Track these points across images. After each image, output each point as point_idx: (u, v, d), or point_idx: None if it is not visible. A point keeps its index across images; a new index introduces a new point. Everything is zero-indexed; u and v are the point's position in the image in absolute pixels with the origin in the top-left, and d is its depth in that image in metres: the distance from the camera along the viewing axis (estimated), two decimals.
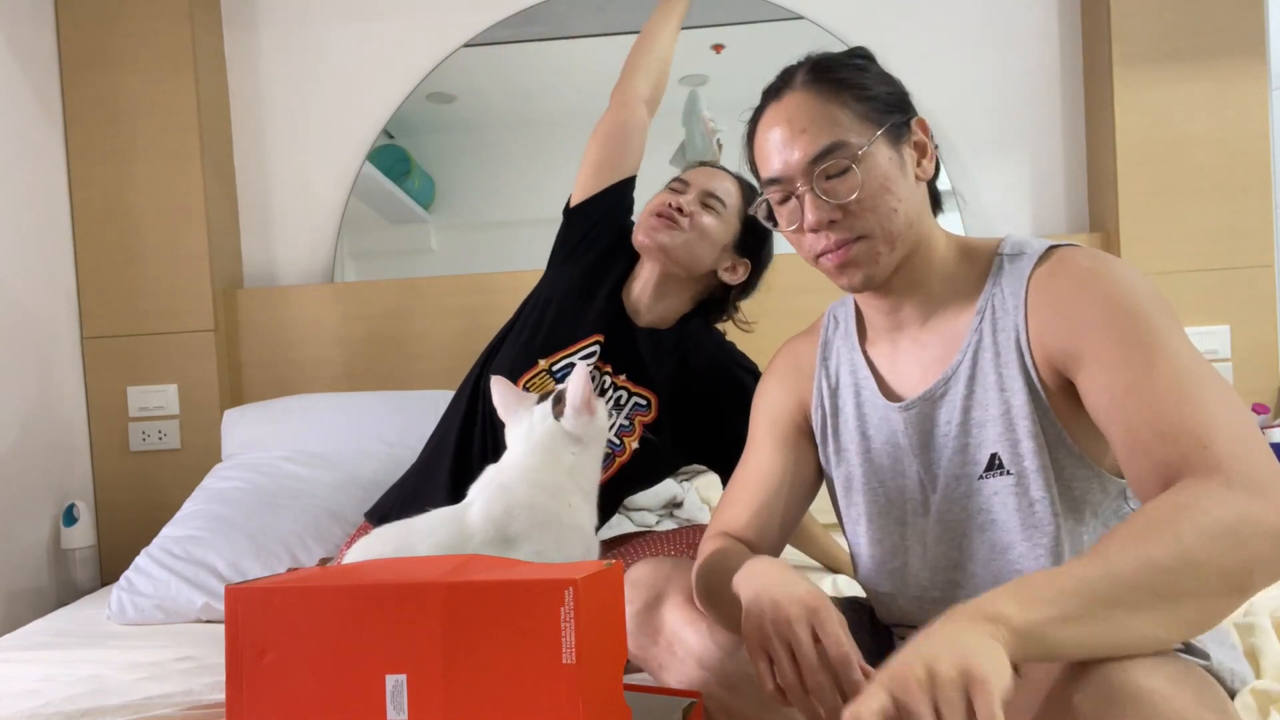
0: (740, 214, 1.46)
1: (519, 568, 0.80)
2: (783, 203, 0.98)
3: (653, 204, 1.46)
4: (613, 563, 0.79)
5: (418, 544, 1.02)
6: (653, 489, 1.66)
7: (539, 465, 1.07)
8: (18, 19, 2.12)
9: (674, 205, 1.42)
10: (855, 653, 0.78)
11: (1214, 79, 2.17)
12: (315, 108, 2.43)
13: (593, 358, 1.45)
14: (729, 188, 1.46)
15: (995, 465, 0.95)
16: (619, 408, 1.45)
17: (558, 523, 1.04)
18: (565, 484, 1.07)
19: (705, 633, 0.99)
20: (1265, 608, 1.28)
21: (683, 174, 1.50)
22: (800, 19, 2.36)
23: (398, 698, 0.72)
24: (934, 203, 1.04)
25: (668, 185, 1.49)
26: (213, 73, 2.34)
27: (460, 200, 2.46)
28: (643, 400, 1.46)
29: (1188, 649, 0.80)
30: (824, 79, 0.96)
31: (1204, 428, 0.77)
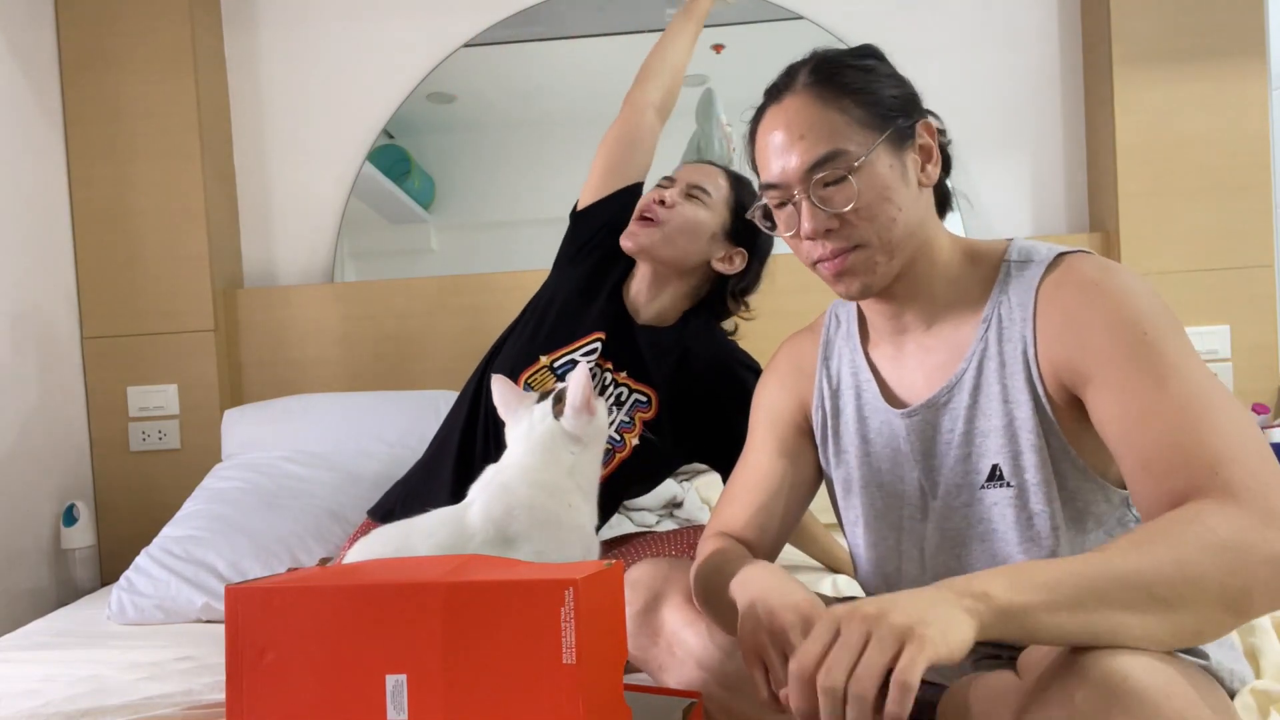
0: (729, 203, 1.46)
1: (519, 568, 0.80)
2: (780, 207, 0.98)
3: (639, 205, 1.47)
4: (613, 563, 0.79)
5: (418, 544, 1.02)
6: (653, 489, 1.67)
7: (539, 465, 1.07)
8: (18, 19, 2.12)
9: (657, 200, 1.44)
10: None
11: (1214, 79, 2.17)
12: (315, 108, 2.43)
13: (594, 355, 1.46)
14: (716, 180, 1.48)
15: (996, 476, 0.94)
16: (619, 405, 1.46)
17: (558, 523, 1.04)
18: (565, 484, 1.07)
19: (704, 633, 0.99)
20: None
21: (672, 172, 1.52)
22: (800, 19, 2.36)
23: (398, 698, 0.72)
24: (942, 203, 1.03)
25: (656, 184, 1.51)
26: (213, 73, 2.34)
27: (460, 200, 2.46)
28: (643, 397, 1.46)
29: (1187, 649, 0.80)
30: (826, 82, 0.93)
31: (1215, 453, 0.76)
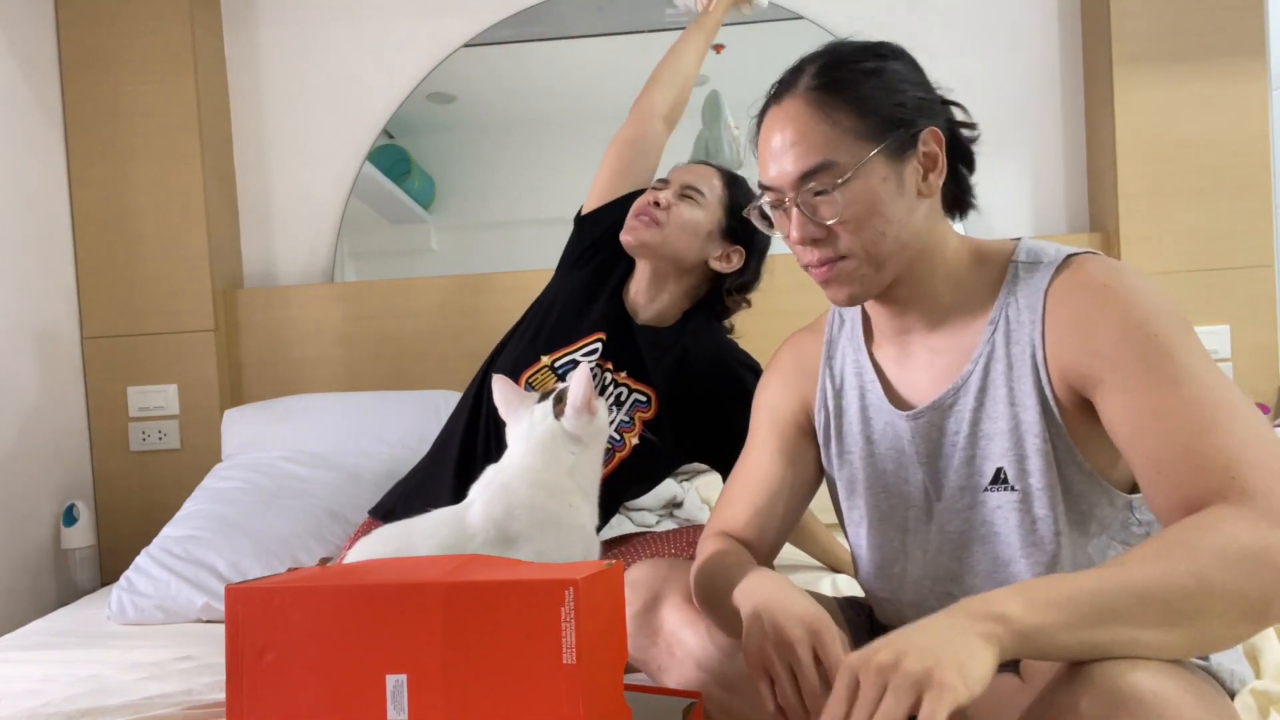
0: (724, 202, 1.47)
1: (519, 568, 0.80)
2: (775, 208, 0.97)
3: (636, 204, 1.48)
4: (613, 563, 0.79)
5: (419, 544, 1.02)
6: (653, 489, 1.67)
7: (539, 465, 1.07)
8: (18, 19, 2.12)
9: (653, 201, 1.45)
10: None
11: (1214, 79, 2.17)
12: (315, 108, 2.43)
13: (595, 355, 1.46)
14: (710, 179, 1.49)
15: (1000, 479, 0.94)
16: (619, 404, 1.46)
17: (558, 523, 1.04)
18: (565, 484, 1.07)
19: (704, 634, 0.99)
20: None
21: (666, 174, 1.53)
22: (800, 19, 2.36)
23: (398, 698, 0.72)
24: (961, 203, 1.02)
25: (651, 185, 1.52)
26: (213, 73, 2.34)
27: (460, 200, 2.46)
28: (642, 397, 1.47)
29: None
30: (828, 88, 0.92)
31: (1230, 456, 0.76)
